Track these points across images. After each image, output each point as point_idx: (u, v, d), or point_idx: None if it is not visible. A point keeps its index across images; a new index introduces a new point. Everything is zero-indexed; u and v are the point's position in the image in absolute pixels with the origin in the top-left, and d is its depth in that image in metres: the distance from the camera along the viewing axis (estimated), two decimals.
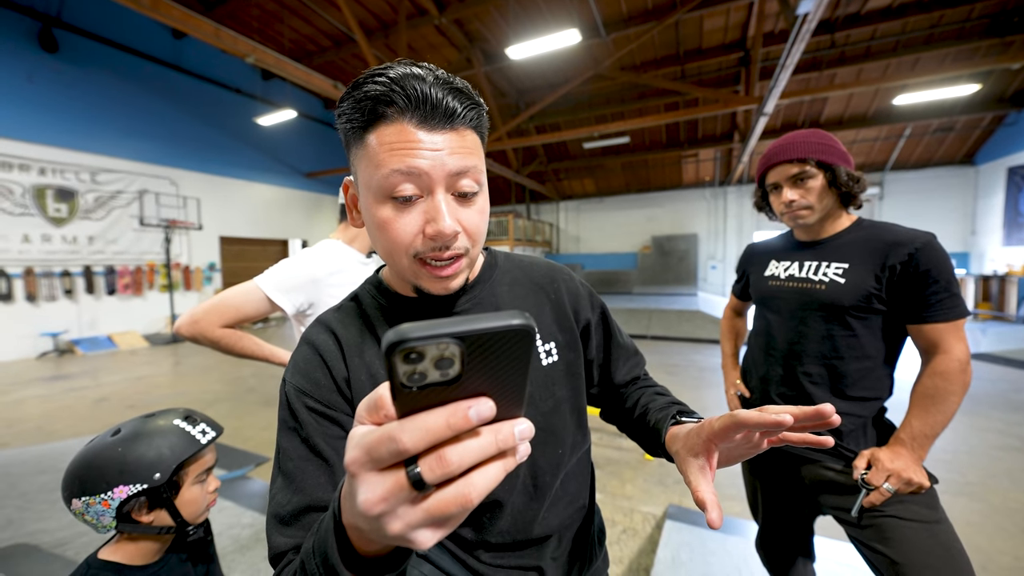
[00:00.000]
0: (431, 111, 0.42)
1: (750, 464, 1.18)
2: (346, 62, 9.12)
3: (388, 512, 0.22)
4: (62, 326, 6.99)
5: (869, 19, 7.16)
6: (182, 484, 0.78)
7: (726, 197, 12.72)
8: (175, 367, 5.88)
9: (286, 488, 0.45)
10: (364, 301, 0.55)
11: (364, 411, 0.25)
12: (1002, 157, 9.22)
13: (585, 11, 7.07)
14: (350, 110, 0.43)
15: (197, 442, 0.79)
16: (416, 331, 0.19)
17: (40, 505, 2.20)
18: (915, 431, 0.87)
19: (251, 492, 2.41)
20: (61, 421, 3.72)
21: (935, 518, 0.86)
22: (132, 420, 0.80)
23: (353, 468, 0.23)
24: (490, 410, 0.22)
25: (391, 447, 0.21)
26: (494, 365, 0.21)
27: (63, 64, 7.02)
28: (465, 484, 0.22)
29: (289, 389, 0.48)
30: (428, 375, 0.21)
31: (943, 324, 0.87)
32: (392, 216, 0.44)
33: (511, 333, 0.21)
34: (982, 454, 2.83)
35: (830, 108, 9.79)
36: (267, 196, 10.40)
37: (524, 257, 0.66)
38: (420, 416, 0.21)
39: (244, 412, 3.91)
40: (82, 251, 7.31)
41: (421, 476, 0.21)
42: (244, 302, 1.06)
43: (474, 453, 0.22)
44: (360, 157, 0.45)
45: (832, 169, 0.95)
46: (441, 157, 0.42)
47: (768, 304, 1.10)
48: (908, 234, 0.90)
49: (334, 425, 0.47)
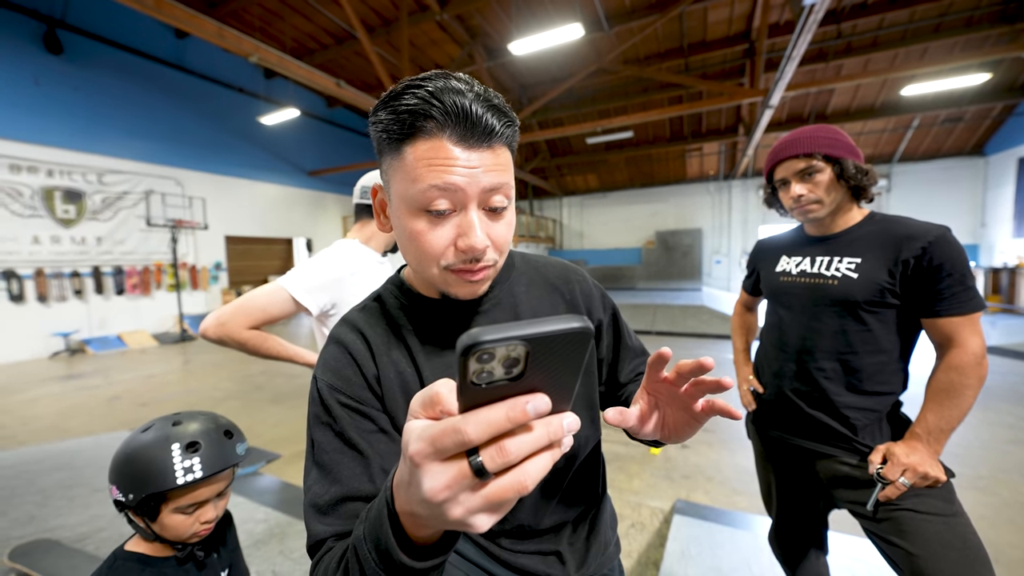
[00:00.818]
0: (470, 128, 0.42)
1: (764, 458, 1.18)
2: (348, 59, 9.11)
3: (451, 499, 0.24)
4: (73, 326, 7.08)
5: (876, 8, 7.06)
6: (160, 510, 0.76)
7: (731, 191, 12.63)
8: (185, 365, 5.95)
9: (322, 479, 0.47)
10: (387, 302, 0.57)
11: (419, 407, 0.27)
12: (1013, 147, 9.09)
13: (588, 4, 7.02)
14: (387, 120, 0.44)
15: (171, 480, 0.73)
16: (490, 334, 0.21)
17: (59, 501, 2.24)
18: (930, 425, 0.87)
19: (263, 488, 2.45)
20: (75, 419, 3.78)
21: (952, 511, 0.86)
22: (163, 421, 0.79)
23: (418, 459, 0.25)
24: (546, 405, 0.24)
25: (456, 438, 0.23)
26: (553, 364, 0.24)
27: (68, 66, 7.06)
28: (521, 472, 0.24)
29: (322, 386, 0.50)
30: (494, 373, 0.23)
31: (958, 317, 0.86)
32: (425, 228, 0.45)
33: (573, 335, 0.23)
34: (993, 448, 2.82)
35: (836, 100, 9.68)
36: (271, 195, 10.45)
37: (539, 257, 0.67)
38: (483, 410, 0.23)
39: (254, 409, 3.96)
40: (91, 251, 7.38)
41: (483, 465, 0.23)
42: (269, 303, 1.06)
43: (529, 444, 0.24)
44: (395, 168, 0.45)
45: (840, 162, 0.95)
46: (477, 175, 0.43)
47: (780, 300, 1.09)
48: (921, 227, 0.90)
49: (366, 419, 0.49)
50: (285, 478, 2.60)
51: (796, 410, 1.04)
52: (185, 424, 0.80)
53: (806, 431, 1.03)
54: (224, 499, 0.84)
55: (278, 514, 2.16)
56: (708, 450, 2.84)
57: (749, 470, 2.53)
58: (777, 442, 1.11)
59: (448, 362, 0.54)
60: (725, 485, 2.41)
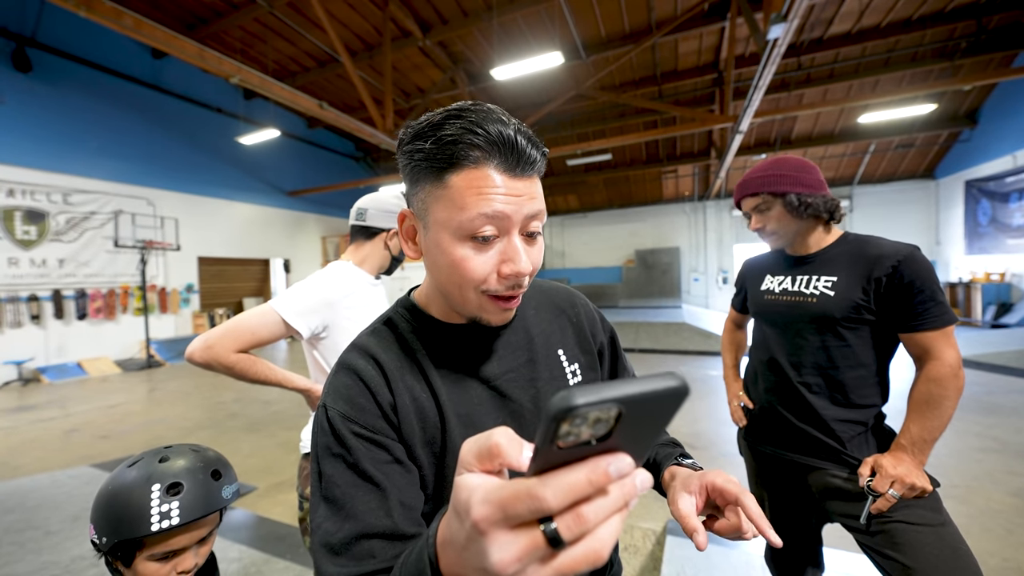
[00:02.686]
0: (516, 158, 0.44)
1: (757, 475, 1.19)
2: (330, 82, 9.16)
3: (519, 572, 0.22)
4: (27, 353, 6.64)
5: (831, 44, 7.62)
6: (135, 556, 0.69)
7: (705, 211, 13.10)
8: (150, 394, 5.63)
9: (333, 516, 0.44)
10: (399, 325, 0.56)
11: (473, 458, 0.25)
12: (960, 171, 9.79)
13: (566, 34, 7.32)
14: (430, 149, 0.44)
15: (145, 526, 0.67)
16: (585, 397, 0.19)
17: (7, 547, 2.05)
18: (914, 436, 0.90)
19: (236, 524, 2.30)
20: (27, 455, 3.51)
21: (940, 520, 0.88)
22: (149, 457, 0.73)
23: (483, 525, 0.22)
24: (629, 467, 0.22)
25: (533, 505, 0.21)
26: (641, 423, 0.22)
27: (37, 84, 6.85)
28: (596, 540, 0.21)
29: (333, 415, 0.47)
30: (581, 436, 0.21)
31: (933, 332, 0.91)
32: (470, 255, 0.46)
33: (670, 395, 0.21)
34: (964, 457, 2.92)
35: (800, 126, 10.28)
36: (248, 215, 10.23)
37: (542, 281, 0.68)
38: (561, 474, 0.21)
39: (227, 439, 3.76)
40: (51, 274, 7.01)
41: (559, 534, 0.21)
42: (259, 325, 1.03)
43: (607, 509, 0.21)
44: (437, 197, 0.46)
45: (783, 196, 1.02)
46: (522, 203, 0.45)
47: (765, 317, 1.13)
48: (891, 247, 0.95)
49: (381, 450, 0.47)
50: (260, 512, 2.46)
51: (786, 424, 1.06)
52: (172, 460, 0.73)
53: (797, 445, 1.05)
54: (207, 545, 0.77)
55: (253, 552, 2.03)
56: None
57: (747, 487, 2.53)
58: (769, 457, 1.13)
59: (464, 386, 0.53)
60: None
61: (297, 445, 1.49)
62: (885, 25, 7.17)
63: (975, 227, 9.30)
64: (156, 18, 6.62)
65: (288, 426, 4.04)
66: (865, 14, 6.89)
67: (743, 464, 1.26)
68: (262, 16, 7.10)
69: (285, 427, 4.02)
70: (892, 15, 6.93)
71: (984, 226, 9.04)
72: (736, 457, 3.03)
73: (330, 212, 12.57)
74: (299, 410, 4.51)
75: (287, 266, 11.21)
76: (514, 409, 0.55)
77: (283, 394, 5.23)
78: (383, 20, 6.76)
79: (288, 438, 3.70)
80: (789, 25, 3.89)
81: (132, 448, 3.59)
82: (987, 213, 8.92)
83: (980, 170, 9.09)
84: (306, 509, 1.14)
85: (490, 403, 0.54)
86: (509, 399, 0.55)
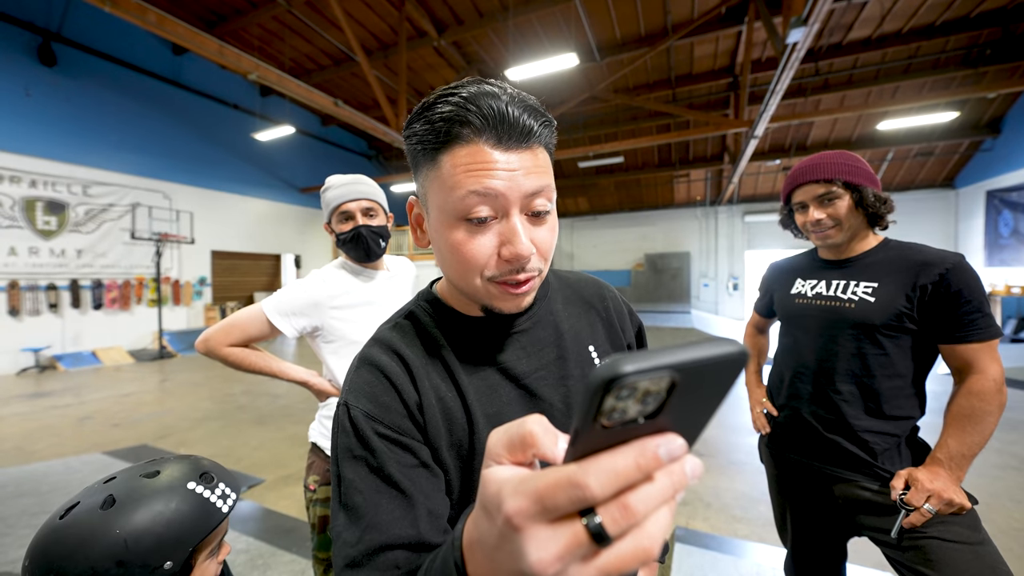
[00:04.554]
0: (508, 130, 0.41)
1: (779, 484, 1.16)
2: (344, 80, 9.25)
3: (560, 573, 0.19)
4: (45, 341, 6.79)
5: (851, 49, 7.49)
6: (195, 564, 0.63)
7: (717, 216, 12.97)
8: (161, 384, 5.71)
9: (354, 525, 0.41)
10: (421, 319, 0.53)
11: (503, 449, 0.23)
12: (980, 181, 9.57)
13: (581, 36, 7.30)
14: (422, 131, 0.43)
15: (218, 513, 0.63)
16: (634, 363, 0.17)
17: (22, 530, 2.08)
18: (952, 451, 0.87)
19: (244, 516, 2.32)
20: (42, 440, 3.57)
21: (979, 539, 0.85)
22: (126, 478, 0.62)
23: (518, 520, 0.19)
24: (681, 449, 0.19)
25: (574, 494, 0.18)
26: (695, 397, 0.19)
27: (61, 78, 7.02)
28: (644, 535, 0.18)
29: (356, 414, 0.45)
30: (628, 412, 0.18)
31: (978, 344, 0.87)
32: (465, 238, 0.43)
33: (729, 361, 0.18)
34: (983, 474, 2.84)
35: (816, 132, 10.13)
36: (261, 211, 10.36)
37: (570, 273, 0.66)
38: (604, 458, 0.18)
39: (236, 431, 3.80)
40: (70, 264, 7.16)
41: (603, 528, 0.18)
42: (249, 323, 1.10)
43: (656, 499, 0.18)
44: (432, 179, 0.44)
45: (859, 190, 0.96)
46: (517, 178, 0.41)
47: (795, 322, 1.10)
48: (938, 254, 0.91)
49: (407, 452, 0.44)
50: (268, 504, 2.47)
51: (814, 433, 1.03)
52: (166, 468, 0.66)
53: (824, 455, 1.02)
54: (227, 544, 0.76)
55: (260, 544, 2.04)
56: (706, 476, 2.80)
57: (748, 496, 2.49)
58: (794, 465, 1.09)
59: (492, 384, 0.50)
60: (724, 512, 2.37)
61: (305, 439, 1.50)
62: (907, 31, 7.04)
63: (996, 238, 9.08)
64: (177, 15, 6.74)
65: (296, 420, 4.07)
66: (887, 19, 6.78)
67: (751, 472, 1.23)
68: (280, 14, 7.19)
69: (293, 420, 4.05)
70: (914, 20, 6.80)
71: (1005, 237, 8.82)
72: (745, 465, 2.99)
73: None
74: (307, 404, 4.55)
75: (298, 262, 11.33)
76: (544, 409, 0.51)
77: (291, 388, 5.28)
78: (399, 20, 6.81)
79: (296, 432, 3.73)
80: (809, 30, 3.83)
81: (143, 437, 3.64)
82: (1009, 224, 8.71)
83: (1002, 180, 8.88)
84: (309, 498, 1.15)
85: (519, 402, 0.50)
86: (539, 398, 0.51)
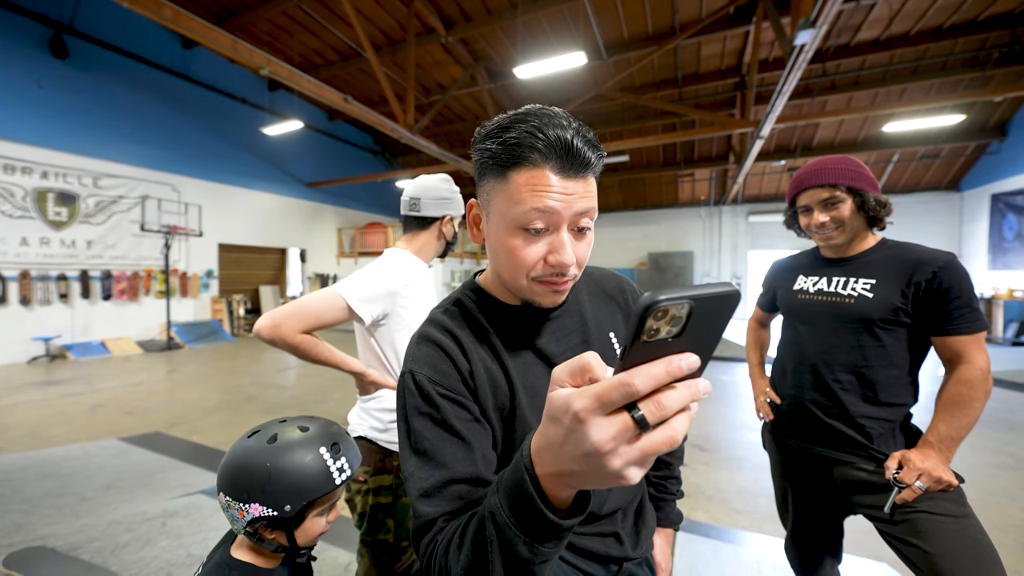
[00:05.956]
0: (570, 160, 0.49)
1: (782, 468, 1.23)
2: (352, 76, 9.29)
3: (613, 450, 0.27)
4: (55, 331, 6.88)
5: (858, 50, 7.49)
6: (306, 516, 0.79)
7: (721, 216, 12.98)
8: (170, 374, 5.80)
9: (425, 465, 0.51)
10: (467, 306, 0.62)
11: (566, 375, 0.30)
12: (986, 184, 9.56)
13: (588, 34, 7.32)
14: (497, 149, 0.50)
15: (332, 482, 0.77)
16: (665, 294, 0.24)
17: (47, 510, 2.17)
18: (942, 434, 0.94)
19: None
20: (57, 427, 3.66)
21: (963, 512, 0.92)
22: (286, 428, 0.80)
23: (583, 414, 0.27)
24: (697, 362, 0.27)
25: (625, 391, 0.26)
26: (705, 324, 0.26)
27: (72, 70, 7.08)
28: (671, 428, 0.26)
29: (421, 379, 0.54)
30: (660, 332, 0.26)
31: (966, 336, 0.94)
32: (521, 244, 0.52)
33: (728, 297, 0.26)
34: (979, 471, 2.89)
35: (822, 133, 10.13)
36: (267, 204, 10.43)
37: (594, 269, 0.73)
38: (645, 367, 0.26)
39: (244, 421, 3.87)
40: (80, 255, 7.25)
41: (644, 417, 0.26)
42: (324, 309, 1.06)
43: (680, 400, 0.26)
44: (499, 191, 0.52)
45: (861, 194, 1.03)
46: (571, 201, 0.50)
47: (798, 316, 1.16)
48: (931, 253, 0.98)
49: (463, 409, 0.54)
50: None
51: (814, 420, 1.09)
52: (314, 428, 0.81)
53: (824, 439, 1.09)
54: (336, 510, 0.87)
55: None
56: (707, 470, 2.87)
57: (748, 490, 2.56)
58: (795, 451, 1.16)
59: (527, 362, 0.60)
60: (725, 504, 2.43)
61: None
62: (915, 33, 7.04)
63: (1000, 242, 9.08)
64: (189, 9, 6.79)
65: (305, 411, 4.14)
66: (895, 21, 6.77)
67: (751, 468, 1.30)
68: (290, 9, 7.23)
69: (302, 412, 4.12)
70: (922, 23, 6.80)
71: (1009, 241, 8.83)
72: (745, 461, 3.05)
73: (347, 204, 12.74)
74: (315, 396, 4.63)
75: (303, 256, 11.40)
76: None
77: (299, 380, 5.35)
78: (408, 16, 6.85)
79: None
80: (817, 31, 3.86)
81: (156, 424, 3.72)
82: (1013, 228, 8.71)
83: (1008, 183, 8.87)
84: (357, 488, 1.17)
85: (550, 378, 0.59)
86: None
